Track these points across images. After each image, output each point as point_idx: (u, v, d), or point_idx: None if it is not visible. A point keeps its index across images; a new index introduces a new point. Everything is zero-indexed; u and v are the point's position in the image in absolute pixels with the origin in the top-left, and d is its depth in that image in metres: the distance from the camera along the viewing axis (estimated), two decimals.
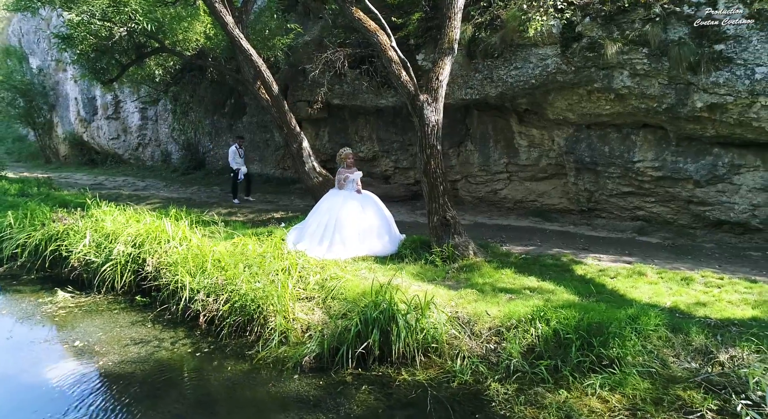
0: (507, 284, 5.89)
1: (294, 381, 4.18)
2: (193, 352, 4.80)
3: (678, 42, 7.18)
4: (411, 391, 4.03)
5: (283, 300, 5.09)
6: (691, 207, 8.26)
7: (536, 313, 4.63)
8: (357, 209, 7.33)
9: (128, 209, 7.93)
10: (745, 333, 4.33)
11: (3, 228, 8.23)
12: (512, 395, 3.93)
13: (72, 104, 25.38)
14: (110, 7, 9.01)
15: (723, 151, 7.78)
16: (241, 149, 12.54)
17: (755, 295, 5.21)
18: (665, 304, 5.07)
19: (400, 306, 4.70)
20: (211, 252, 5.86)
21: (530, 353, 4.41)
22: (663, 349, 4.35)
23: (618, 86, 7.86)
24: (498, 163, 10.45)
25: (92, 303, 6.27)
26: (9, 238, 7.93)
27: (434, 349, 4.56)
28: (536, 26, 7.76)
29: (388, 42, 7.08)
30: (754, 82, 6.85)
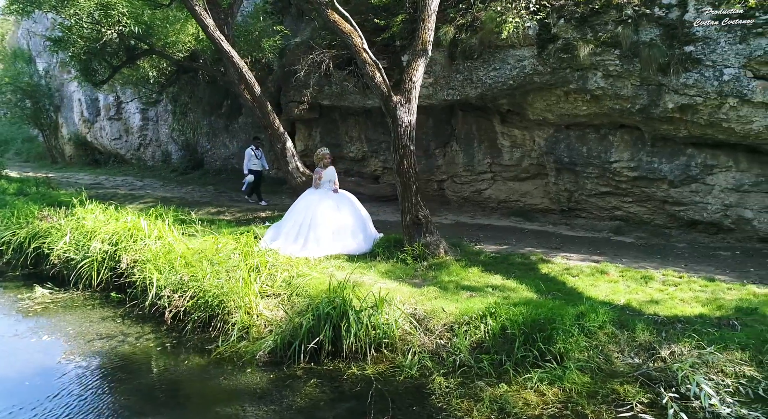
0: (471, 282, 6.00)
1: (246, 374, 4.32)
2: (155, 347, 4.96)
3: (648, 43, 7.24)
4: (357, 385, 4.15)
5: (246, 296, 5.22)
6: (666, 207, 8.31)
7: (487, 310, 4.73)
8: (332, 208, 7.46)
9: (110, 208, 8.12)
10: (689, 329, 4.41)
11: None
12: (453, 388, 4.04)
13: (76, 105, 25.75)
14: (98, 10, 9.21)
15: (696, 151, 7.83)
16: (258, 151, 12.35)
17: (708, 293, 5.27)
18: (619, 302, 5.16)
19: (355, 302, 4.83)
20: (180, 250, 6.01)
21: (479, 348, 4.52)
22: (608, 345, 4.44)
23: (592, 87, 7.94)
24: (482, 163, 10.54)
25: (68, 299, 6.45)
26: None
27: (387, 345, 4.68)
28: (509, 28, 7.85)
29: (361, 44, 7.20)
30: (722, 83, 6.90)
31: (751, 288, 5.41)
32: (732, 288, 5.45)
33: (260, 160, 12.32)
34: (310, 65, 10.75)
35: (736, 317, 4.62)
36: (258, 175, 12.32)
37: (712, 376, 3.88)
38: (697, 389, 3.64)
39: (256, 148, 12.32)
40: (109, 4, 9.25)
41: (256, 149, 12.30)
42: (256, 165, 12.25)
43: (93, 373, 4.36)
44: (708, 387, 3.64)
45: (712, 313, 4.79)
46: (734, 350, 4.13)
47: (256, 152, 12.26)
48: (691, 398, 3.67)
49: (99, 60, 10.77)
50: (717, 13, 6.77)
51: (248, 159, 12.17)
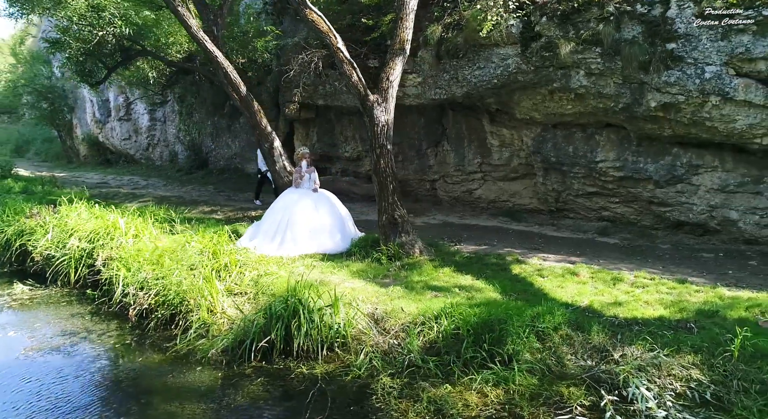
0: (441, 282, 5.96)
1: (194, 373, 4.35)
2: (115, 344, 5.02)
3: (629, 41, 7.11)
4: (302, 384, 4.15)
5: (208, 294, 5.26)
6: (652, 208, 8.15)
7: (442, 311, 4.69)
8: (310, 207, 7.48)
9: (95, 206, 8.25)
10: (644, 332, 4.32)
11: None
12: (397, 389, 4.02)
13: (88, 106, 26.25)
14: (89, 12, 9.37)
15: (682, 151, 7.66)
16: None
17: (674, 296, 5.16)
18: (582, 303, 5.07)
19: (310, 302, 4.82)
20: (149, 248, 6.08)
21: (431, 349, 4.49)
22: (562, 347, 4.37)
23: (575, 86, 7.82)
24: (472, 162, 10.46)
25: (46, 296, 6.57)
26: None
27: (341, 344, 4.67)
28: (488, 26, 7.78)
29: (336, 43, 7.20)
30: (704, 81, 6.74)
31: (721, 291, 5.27)
32: (701, 290, 5.32)
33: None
34: (301, 65, 10.80)
35: (695, 320, 4.51)
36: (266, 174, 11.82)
37: (659, 379, 3.80)
38: (637, 392, 3.56)
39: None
40: (99, 5, 9.39)
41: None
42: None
43: (47, 369, 4.43)
44: (645, 390, 3.56)
45: (673, 316, 4.68)
46: (687, 353, 4.03)
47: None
48: (632, 401, 3.59)
49: (95, 61, 10.94)
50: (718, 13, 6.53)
51: (262, 158, 11.65)
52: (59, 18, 9.56)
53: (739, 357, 3.86)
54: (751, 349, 3.87)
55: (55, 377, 4.26)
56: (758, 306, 4.72)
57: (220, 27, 9.75)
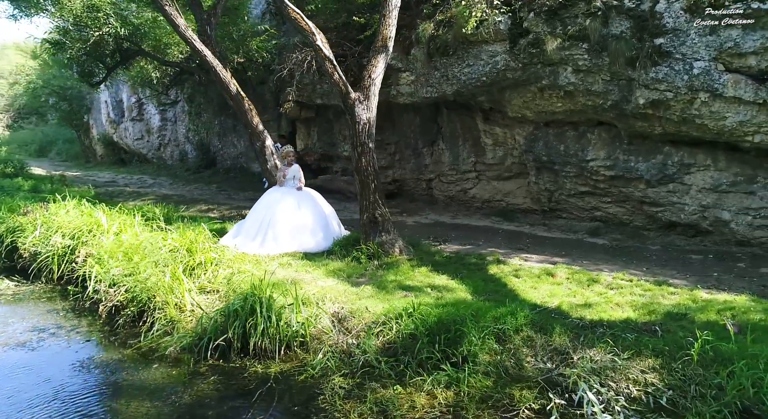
0: (415, 282, 5.88)
1: (150, 370, 4.35)
2: (80, 340, 5.05)
3: (616, 36, 6.93)
4: (253, 383, 4.11)
5: (174, 292, 5.26)
6: (644, 208, 7.94)
7: (404, 310, 4.61)
8: (292, 206, 7.46)
9: (83, 204, 8.35)
10: (607, 334, 4.18)
11: None
12: (347, 389, 3.96)
13: (103, 107, 26.73)
14: (84, 12, 9.51)
15: (673, 149, 7.44)
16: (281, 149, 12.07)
17: (646, 298, 5.00)
18: (552, 304, 4.95)
19: (274, 300, 4.79)
20: (122, 245, 6.13)
21: (389, 349, 4.42)
22: (522, 349, 4.26)
23: (563, 83, 7.66)
24: (466, 161, 10.34)
25: (29, 292, 6.67)
26: None
27: (300, 343, 4.63)
28: (473, 22, 7.67)
29: (314, 40, 7.15)
30: (692, 77, 6.53)
31: (698, 294, 5.09)
32: (677, 292, 5.15)
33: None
34: (296, 64, 10.82)
35: (662, 323, 4.35)
36: None
37: (614, 383, 3.67)
38: (584, 395, 3.44)
39: (282, 146, 12.10)
40: (94, 6, 9.53)
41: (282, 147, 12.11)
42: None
43: (4, 364, 4.48)
44: (593, 394, 3.44)
45: (641, 318, 4.53)
46: (647, 357, 3.89)
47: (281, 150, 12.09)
48: (581, 405, 3.48)
49: (94, 62, 11.12)
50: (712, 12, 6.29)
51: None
52: (56, 19, 9.71)
53: (698, 361, 3.71)
54: (712, 353, 3.72)
55: (9, 372, 4.30)
56: (731, 310, 4.55)
57: (213, 26, 9.79)
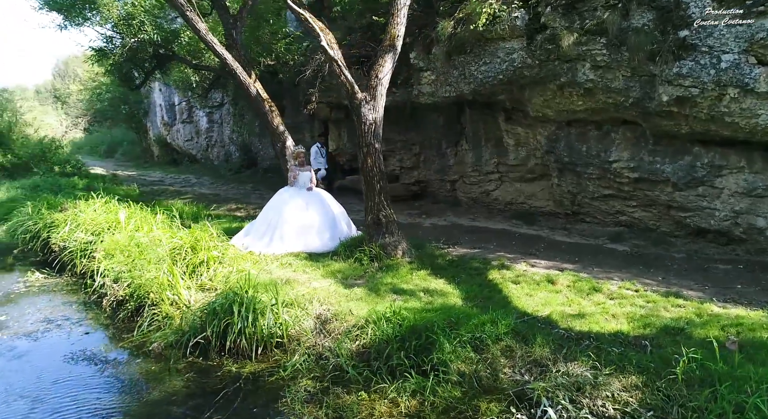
0: (410, 285, 5.77)
1: (132, 365, 4.48)
2: (80, 333, 5.29)
3: (635, 29, 6.50)
4: (223, 382, 4.15)
5: (170, 289, 5.40)
6: (671, 212, 7.42)
7: (383, 315, 4.52)
8: (300, 206, 7.51)
9: (113, 201, 8.76)
10: (591, 347, 3.92)
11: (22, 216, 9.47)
12: (312, 393, 3.91)
13: (158, 110, 28.09)
14: (120, 20, 9.99)
15: (703, 150, 6.90)
16: (323, 148, 11.93)
17: (646, 310, 4.64)
18: (542, 313, 4.70)
19: (260, 300, 4.82)
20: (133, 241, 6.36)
21: (364, 353, 4.34)
22: (500, 359, 4.07)
23: (582, 80, 7.28)
24: (489, 162, 10.06)
25: (54, 284, 7.06)
26: (21, 225, 9.13)
27: (279, 344, 4.63)
28: (484, 18, 7.43)
29: (320, 41, 7.16)
30: (719, 71, 6.02)
31: (707, 307, 4.68)
32: (684, 305, 4.75)
33: (324, 159, 11.81)
34: (319, 65, 10.91)
35: (655, 337, 4.03)
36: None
37: (590, 400, 3.43)
38: (549, 411, 3.23)
39: (322, 146, 11.95)
40: (129, 14, 9.99)
41: (322, 147, 11.94)
42: (321, 163, 11.68)
43: (9, 353, 4.75)
44: (552, 410, 3.21)
45: (634, 331, 4.21)
46: (631, 373, 3.61)
47: (322, 150, 11.83)
48: None
49: (133, 66, 11.67)
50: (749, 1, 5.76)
51: (314, 156, 11.65)
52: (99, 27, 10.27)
53: (684, 380, 3.40)
54: (700, 373, 3.39)
55: (3, 359, 4.55)
56: (738, 326, 4.14)
57: (239, 30, 10.02)
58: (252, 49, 11.24)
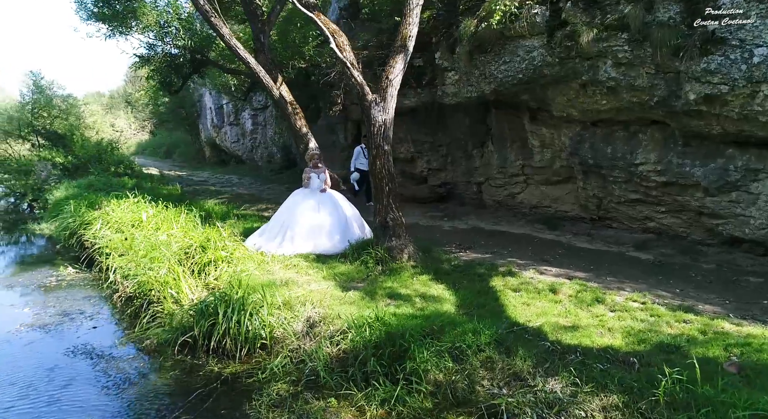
0: (408, 290, 5.66)
1: (124, 360, 4.64)
2: (89, 327, 5.53)
3: (659, 23, 6.08)
4: (202, 382, 4.21)
5: (176, 287, 5.56)
6: (702, 219, 6.89)
7: (366, 320, 4.45)
8: (312, 208, 7.55)
9: (140, 200, 9.14)
10: (575, 362, 3.69)
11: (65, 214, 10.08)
12: (285, 397, 3.90)
13: (208, 113, 29.20)
14: (156, 27, 10.45)
15: (738, 152, 6.36)
16: (366, 149, 11.39)
17: (648, 324, 4.31)
18: (533, 324, 4.47)
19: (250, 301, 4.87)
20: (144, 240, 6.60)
21: (344, 359, 4.29)
22: (479, 370, 3.91)
23: (603, 78, 6.90)
24: (514, 164, 9.75)
25: (81, 279, 7.45)
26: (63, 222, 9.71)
27: (264, 345, 4.66)
28: (498, 15, 7.19)
29: (333, 43, 7.16)
30: (751, 67, 5.53)
31: (718, 324, 4.29)
32: (692, 320, 4.38)
33: (367, 159, 11.12)
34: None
35: (646, 355, 3.73)
36: (366, 174, 10.98)
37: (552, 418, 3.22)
38: None
39: (365, 147, 11.28)
40: (166, 22, 10.42)
41: (365, 148, 11.27)
42: (363, 164, 11.17)
43: (20, 342, 5.04)
44: None
45: (627, 347, 3.93)
46: (613, 392, 3.36)
47: (364, 151, 11.24)
48: None
49: (172, 72, 12.17)
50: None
51: (356, 157, 11.34)
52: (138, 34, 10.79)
53: (667, 403, 3.13)
54: (683, 396, 3.11)
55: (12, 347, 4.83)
56: (744, 346, 3.77)
57: (267, 34, 10.23)
58: (281, 52, 11.44)
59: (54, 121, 21.87)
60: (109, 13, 10.88)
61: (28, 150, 21.81)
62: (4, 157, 20.75)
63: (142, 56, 12.19)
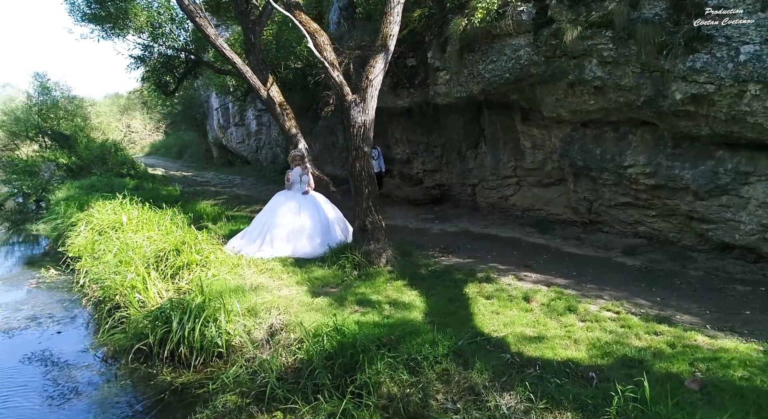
0: (380, 296, 5.50)
1: (77, 368, 4.54)
2: (53, 332, 5.46)
3: (643, 20, 5.84)
4: (150, 392, 4.09)
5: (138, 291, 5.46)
6: (693, 224, 6.63)
7: (321, 329, 4.30)
8: (293, 210, 7.42)
9: (125, 201, 9.10)
10: (532, 375, 3.51)
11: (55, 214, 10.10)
12: (231, 409, 3.77)
13: (214, 114, 29.28)
14: (149, 29, 10.41)
15: (728, 154, 6.10)
16: (374, 150, 10.73)
17: (616, 335, 4.10)
18: (498, 334, 4.29)
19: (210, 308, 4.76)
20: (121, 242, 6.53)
21: (297, 370, 4.14)
22: (435, 383, 3.73)
23: (589, 77, 6.67)
24: (506, 166, 9.54)
25: (63, 282, 7.41)
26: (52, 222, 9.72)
27: (221, 354, 4.53)
28: (480, 14, 7.00)
29: (324, 43, 7.03)
30: (738, 65, 5.27)
31: (691, 336, 4.07)
32: (664, 332, 4.16)
33: (376, 161, 10.80)
34: None
35: (606, 369, 3.53)
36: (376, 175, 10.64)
37: None
38: None
39: (373, 148, 10.71)
40: (156, 22, 10.38)
41: (373, 149, 10.69)
42: (372, 166, 10.96)
43: None
44: None
45: (590, 360, 3.73)
46: (567, 409, 3.18)
47: (373, 152, 10.75)
48: None
49: (167, 73, 12.15)
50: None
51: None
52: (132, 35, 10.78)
53: None
54: (636, 414, 2.91)
55: None
56: (712, 361, 3.54)
57: (257, 34, 10.14)
58: (275, 53, 11.35)
59: (60, 122, 22.10)
60: (102, 14, 10.88)
61: (35, 151, 22.05)
62: (12, 158, 21.01)
63: (137, 57, 12.18)
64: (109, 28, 11.23)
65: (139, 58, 12.21)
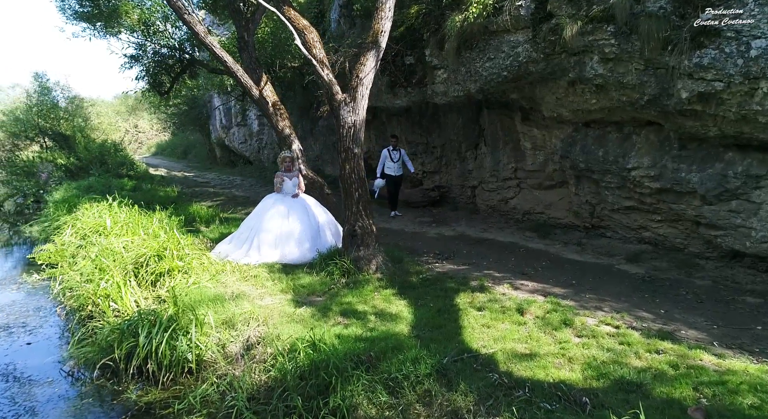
0: (366, 306, 5.20)
1: (39, 385, 4.25)
2: (23, 343, 5.18)
3: (647, 14, 5.51)
4: (113, 412, 3.82)
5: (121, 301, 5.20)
6: (700, 230, 6.27)
7: (296, 345, 4.01)
8: (281, 214, 7.14)
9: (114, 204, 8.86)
10: (521, 399, 3.20)
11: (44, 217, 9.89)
12: None
13: (217, 114, 29.11)
14: (138, 26, 10.17)
15: (737, 156, 5.74)
16: (396, 151, 10.09)
17: (614, 354, 3.78)
18: (487, 351, 3.97)
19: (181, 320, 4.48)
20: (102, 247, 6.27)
21: (268, 390, 3.85)
22: (416, 406, 3.43)
23: (590, 75, 6.34)
24: (506, 167, 9.21)
25: (44, 287, 7.14)
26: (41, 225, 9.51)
27: (191, 370, 4.26)
28: (476, 9, 6.68)
29: (303, 41, 6.74)
30: (748, 61, 4.92)
31: (696, 355, 3.73)
32: (666, 350, 3.83)
33: (396, 163, 10.08)
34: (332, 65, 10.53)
35: (601, 392, 3.21)
36: (392, 180, 10.15)
37: None
38: None
39: (393, 149, 10.17)
40: (147, 20, 10.14)
41: (393, 150, 10.14)
42: (390, 168, 10.05)
43: None
44: None
45: (583, 382, 3.41)
46: None
47: (393, 153, 10.10)
48: None
49: (162, 72, 11.91)
50: None
51: (382, 161, 10.16)
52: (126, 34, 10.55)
53: None
54: None
55: None
56: (719, 385, 3.21)
57: (251, 33, 9.87)
58: (271, 52, 11.09)
59: (60, 123, 21.97)
60: (93, 12, 10.66)
61: (35, 151, 21.94)
62: (11, 158, 20.92)
63: (131, 56, 11.95)
64: (101, 26, 11.02)
65: (133, 57, 11.99)
